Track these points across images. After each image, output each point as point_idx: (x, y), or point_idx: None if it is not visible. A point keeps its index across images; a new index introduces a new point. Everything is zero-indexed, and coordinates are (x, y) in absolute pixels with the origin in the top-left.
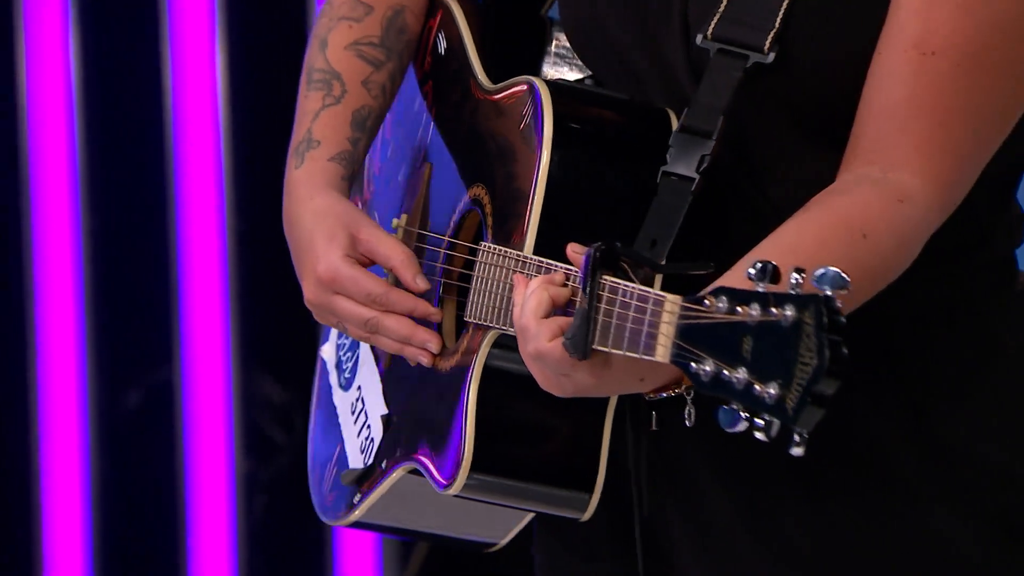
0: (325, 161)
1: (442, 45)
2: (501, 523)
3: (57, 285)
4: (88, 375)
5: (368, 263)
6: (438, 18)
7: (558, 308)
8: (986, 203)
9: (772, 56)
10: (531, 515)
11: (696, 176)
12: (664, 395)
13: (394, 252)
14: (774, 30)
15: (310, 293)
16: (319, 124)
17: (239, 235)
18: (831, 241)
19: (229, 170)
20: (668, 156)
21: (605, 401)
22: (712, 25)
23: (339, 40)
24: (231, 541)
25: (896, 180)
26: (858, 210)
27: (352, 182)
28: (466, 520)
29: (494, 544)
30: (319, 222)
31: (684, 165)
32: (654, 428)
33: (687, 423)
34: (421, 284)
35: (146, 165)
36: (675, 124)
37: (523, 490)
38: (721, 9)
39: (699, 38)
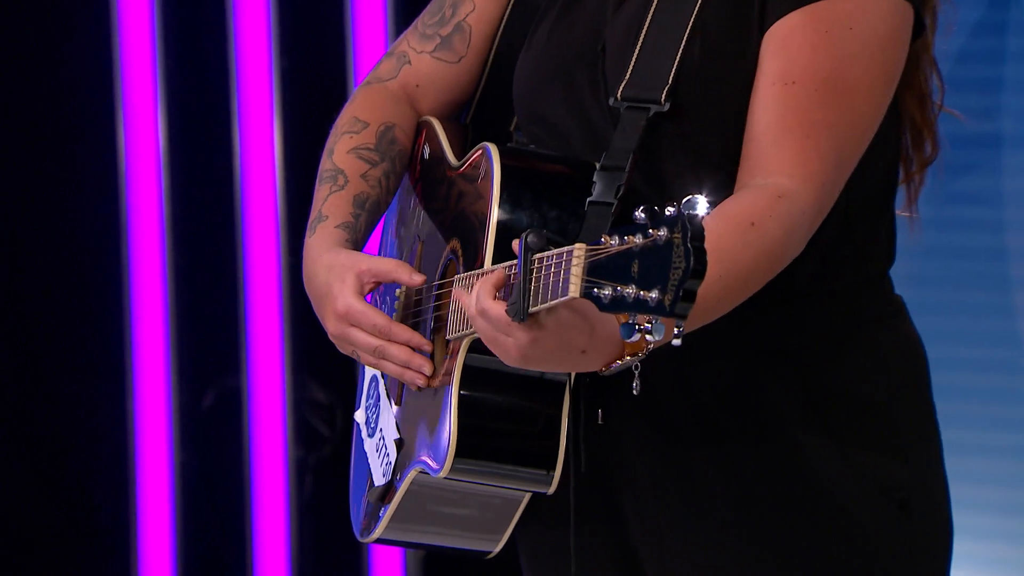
0: (332, 228)
1: (426, 152)
2: (493, 531)
3: (148, 309)
4: (172, 381)
5: (375, 286)
6: (423, 135)
7: (503, 288)
8: (861, 224)
9: (668, 105)
10: (515, 519)
11: (615, 201)
12: (616, 365)
13: (390, 265)
14: (667, 86)
15: (332, 327)
16: (327, 205)
17: (292, 271)
18: (725, 233)
19: (284, 221)
20: (593, 190)
21: (562, 394)
22: (620, 89)
23: (342, 147)
24: (286, 511)
25: (775, 183)
26: (746, 207)
27: (356, 247)
28: (465, 532)
29: (489, 552)
30: (331, 272)
31: (606, 194)
32: (600, 422)
33: (635, 392)
34: (417, 279)
35: (220, 224)
36: (597, 168)
37: (496, 469)
38: (627, 77)
39: (611, 100)
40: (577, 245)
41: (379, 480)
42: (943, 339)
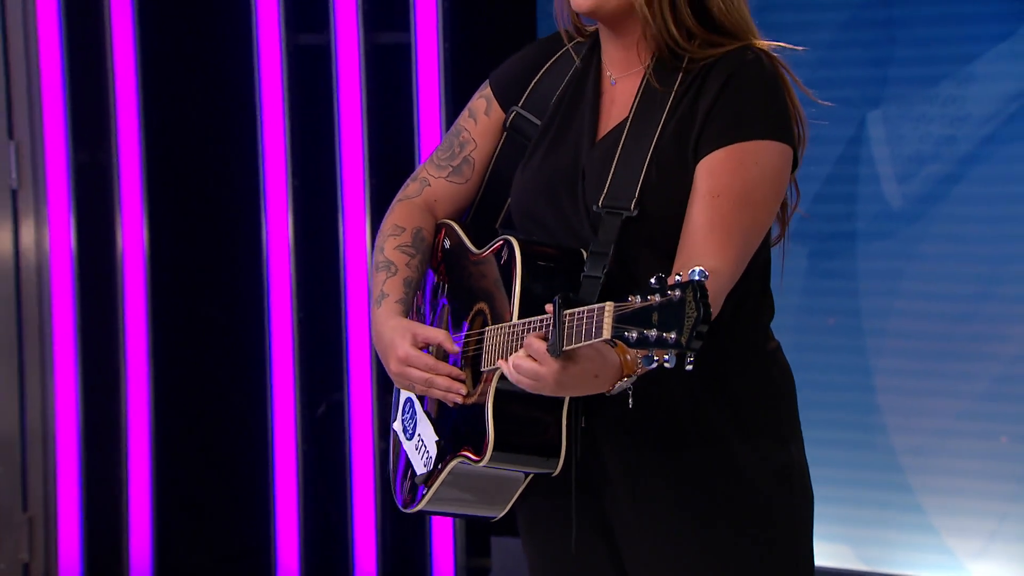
0: (393, 303)
1: (447, 243)
2: (499, 504)
3: (281, 350)
4: (297, 396)
5: (425, 346)
6: (443, 232)
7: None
8: (754, 291)
9: (637, 211)
10: (517, 495)
11: (601, 276)
12: (618, 387)
13: (438, 334)
14: (635, 197)
15: (394, 367)
16: (386, 286)
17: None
18: None
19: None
20: (585, 267)
21: (560, 406)
22: (601, 200)
23: (389, 245)
24: (373, 482)
25: (706, 264)
26: None
27: (406, 315)
28: (480, 505)
29: (494, 517)
30: (395, 332)
31: (594, 271)
32: (583, 426)
33: (629, 405)
34: (453, 347)
35: (329, 291)
36: (586, 256)
37: (521, 458)
38: (605, 191)
39: (595, 207)
40: (607, 303)
41: (421, 469)
42: (814, 369)
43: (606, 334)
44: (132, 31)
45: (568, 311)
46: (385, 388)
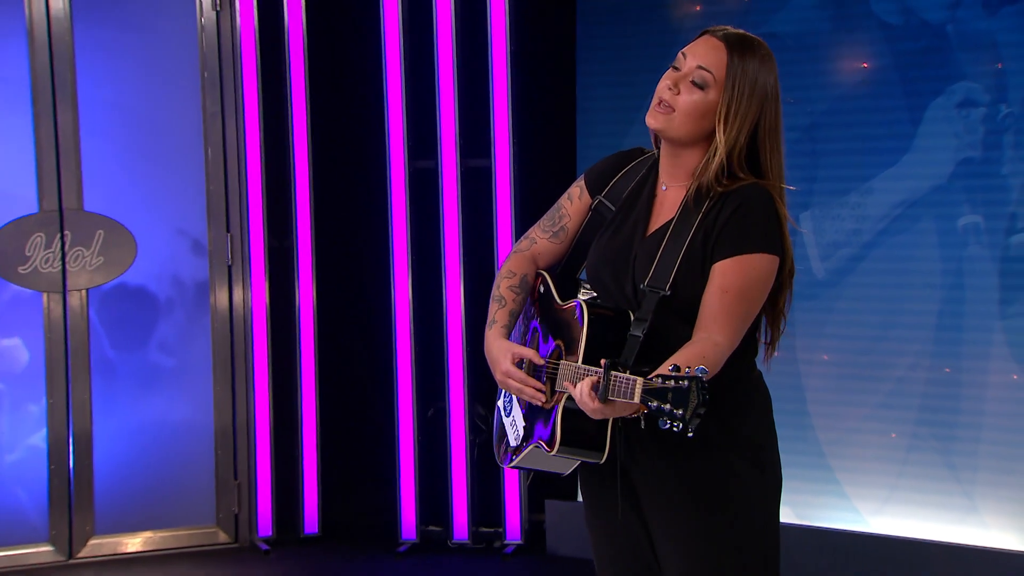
0: (500, 328)
1: (542, 289)
2: (565, 467)
3: (403, 374)
4: (414, 403)
5: (520, 360)
6: (539, 280)
7: (595, 383)
8: (747, 344)
9: (671, 292)
10: (579, 461)
11: (641, 336)
12: (634, 416)
13: (528, 352)
14: (671, 281)
15: (498, 377)
16: (497, 315)
17: (473, 353)
18: (692, 361)
19: (466, 335)
20: (631, 327)
21: (607, 421)
22: (647, 280)
23: (504, 285)
24: (466, 461)
25: (713, 338)
26: (699, 349)
27: (509, 336)
28: (551, 466)
29: (562, 475)
30: (500, 351)
31: (636, 331)
32: (620, 427)
33: (641, 426)
34: (538, 361)
35: (436, 331)
36: (632, 318)
37: (578, 451)
38: (651, 273)
39: (641, 285)
40: (638, 379)
41: (513, 443)
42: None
43: (636, 399)
44: (307, 158)
45: (614, 373)
46: (475, 400)
